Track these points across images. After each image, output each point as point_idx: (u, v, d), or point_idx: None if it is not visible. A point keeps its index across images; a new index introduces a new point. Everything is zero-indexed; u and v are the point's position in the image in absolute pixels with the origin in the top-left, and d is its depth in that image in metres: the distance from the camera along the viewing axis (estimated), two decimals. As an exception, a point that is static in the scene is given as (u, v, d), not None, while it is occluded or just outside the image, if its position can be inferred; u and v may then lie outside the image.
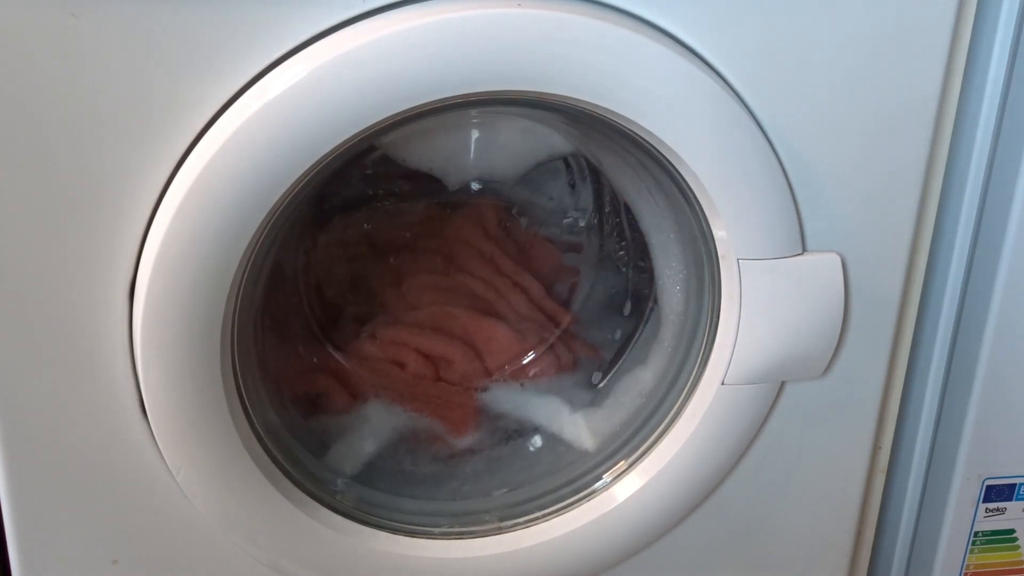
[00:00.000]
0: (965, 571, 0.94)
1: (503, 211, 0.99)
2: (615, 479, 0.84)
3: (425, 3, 0.66)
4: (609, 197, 0.97)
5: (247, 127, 0.65)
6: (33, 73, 0.64)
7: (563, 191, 1.00)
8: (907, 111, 0.76)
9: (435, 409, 0.94)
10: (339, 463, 0.88)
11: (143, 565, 0.79)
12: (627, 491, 0.83)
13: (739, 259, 0.76)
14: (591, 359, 0.97)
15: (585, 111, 0.71)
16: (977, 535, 0.92)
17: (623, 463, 0.85)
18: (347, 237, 0.97)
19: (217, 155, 0.65)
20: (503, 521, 0.85)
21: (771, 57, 0.72)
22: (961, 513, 0.91)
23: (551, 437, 0.93)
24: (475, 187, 0.96)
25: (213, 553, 0.80)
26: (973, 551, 0.93)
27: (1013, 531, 0.92)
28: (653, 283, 0.90)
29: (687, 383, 0.83)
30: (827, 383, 0.84)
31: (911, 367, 0.90)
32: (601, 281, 1.01)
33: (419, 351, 0.95)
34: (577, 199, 1.00)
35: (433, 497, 0.89)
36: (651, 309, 0.92)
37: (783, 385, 0.83)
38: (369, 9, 0.66)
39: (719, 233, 0.76)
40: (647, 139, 0.72)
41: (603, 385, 0.94)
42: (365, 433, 0.91)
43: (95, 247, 0.69)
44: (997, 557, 0.93)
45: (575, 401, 0.94)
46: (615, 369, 0.94)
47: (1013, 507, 0.91)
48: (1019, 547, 0.93)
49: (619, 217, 0.97)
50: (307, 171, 0.67)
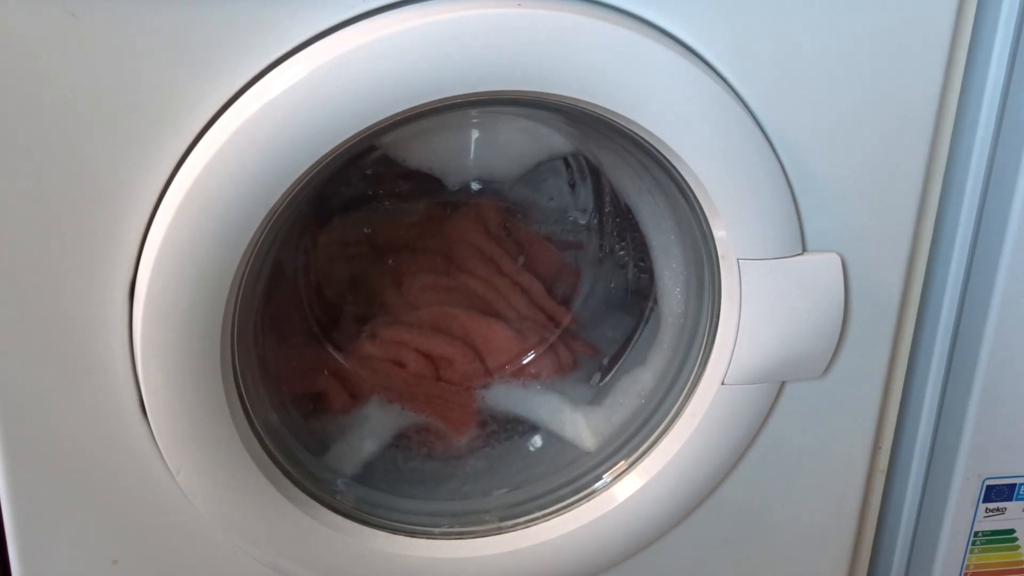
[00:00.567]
0: (965, 571, 0.94)
1: (504, 211, 0.99)
2: (615, 479, 0.84)
3: (425, 3, 0.66)
4: (609, 197, 0.97)
5: (247, 127, 0.65)
6: (33, 73, 0.64)
7: (563, 191, 1.00)
8: (907, 111, 0.76)
9: (435, 409, 0.94)
10: (339, 463, 0.88)
11: (143, 565, 0.79)
12: (627, 491, 0.83)
13: (739, 259, 0.76)
14: (592, 359, 0.97)
15: (585, 111, 0.71)
16: (977, 535, 0.92)
17: (623, 463, 0.85)
18: (347, 237, 0.97)
19: (217, 155, 0.65)
20: (503, 521, 0.85)
21: (771, 57, 0.72)
22: (961, 513, 0.90)
23: (551, 437, 0.93)
24: (475, 187, 0.96)
25: (213, 553, 0.80)
26: (973, 551, 0.93)
27: (1013, 531, 0.92)
28: (653, 283, 0.90)
29: (687, 383, 0.83)
30: (827, 383, 0.84)
31: (911, 367, 0.90)
32: (601, 281, 1.01)
33: (419, 351, 0.95)
34: (577, 199, 1.00)
35: (433, 497, 0.89)
36: (651, 309, 0.92)
37: (783, 385, 0.83)
38: (369, 9, 0.66)
39: (719, 233, 0.76)
40: (647, 139, 0.72)
41: (603, 384, 0.94)
42: (365, 433, 0.91)
43: (95, 247, 0.69)
44: (997, 557, 0.93)
45: (576, 400, 0.94)
46: (615, 369, 0.94)
47: (1013, 507, 0.91)
48: (1019, 547, 0.93)
49: (619, 217, 0.97)
50: (307, 171, 0.67)
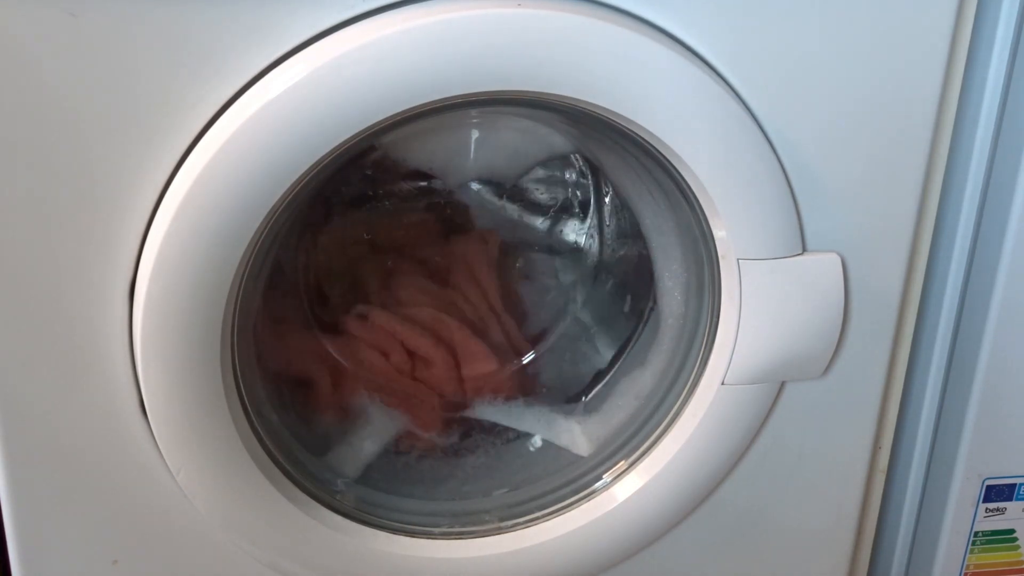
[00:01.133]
0: (965, 571, 0.93)
1: (502, 247, 1.00)
2: (615, 479, 0.84)
3: (425, 3, 0.66)
4: (609, 197, 0.97)
5: (247, 127, 0.65)
6: (32, 73, 0.64)
7: (563, 191, 1.00)
8: (907, 111, 0.76)
9: (407, 405, 0.94)
10: (340, 464, 0.88)
11: (143, 565, 0.79)
12: (627, 491, 0.83)
13: (739, 259, 0.76)
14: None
15: (585, 111, 0.71)
16: (977, 535, 0.92)
17: (623, 463, 0.85)
18: (347, 237, 0.97)
19: (217, 155, 0.65)
20: (503, 521, 0.85)
21: (771, 57, 0.72)
22: (961, 513, 0.90)
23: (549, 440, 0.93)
24: (475, 187, 0.96)
25: (213, 553, 0.80)
26: (973, 551, 0.92)
27: (1013, 531, 0.92)
28: (653, 283, 0.90)
29: (687, 383, 0.83)
30: (827, 383, 0.84)
31: (911, 367, 0.90)
32: (600, 282, 1.01)
33: (405, 345, 0.95)
34: (577, 199, 1.00)
35: (433, 497, 0.89)
36: (650, 309, 0.92)
37: (783, 385, 0.83)
38: (369, 9, 0.66)
39: (719, 233, 0.76)
40: (647, 139, 0.72)
41: (599, 389, 0.94)
42: (365, 435, 0.91)
43: (95, 247, 0.69)
44: (997, 557, 0.93)
45: (568, 411, 0.94)
46: (614, 370, 0.94)
47: (1013, 507, 0.91)
48: (1019, 547, 0.93)
49: (619, 217, 0.97)
50: (307, 171, 0.67)
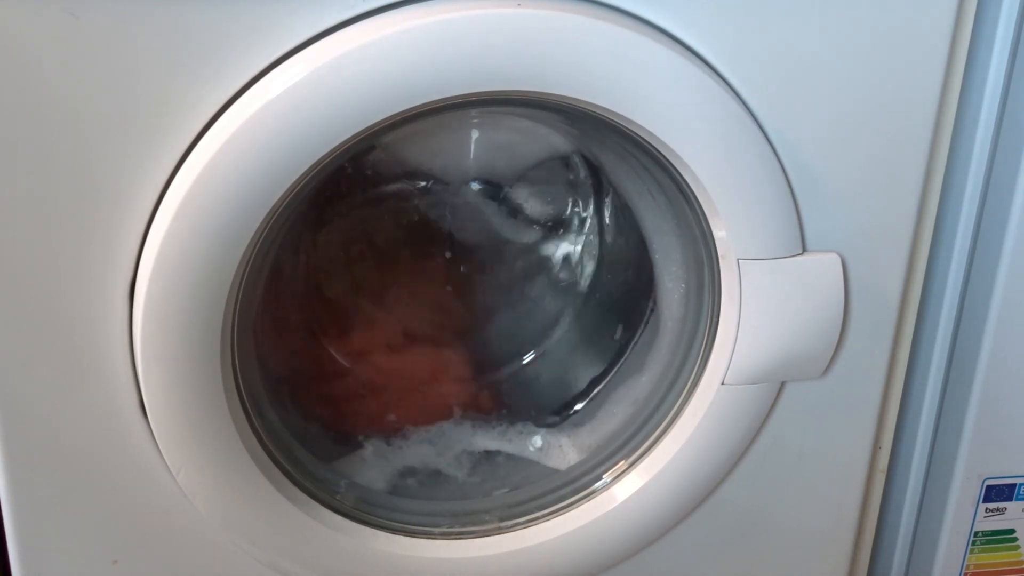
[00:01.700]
0: (965, 571, 0.93)
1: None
2: (615, 479, 0.84)
3: (425, 3, 0.66)
4: (609, 197, 0.97)
5: (247, 127, 0.65)
6: (32, 73, 0.64)
7: (563, 191, 1.00)
8: (907, 112, 0.76)
9: (404, 401, 0.94)
10: (350, 471, 0.88)
11: (143, 565, 0.79)
12: (627, 491, 0.83)
13: (739, 259, 0.76)
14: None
15: (585, 111, 0.71)
16: (977, 535, 0.92)
17: (623, 463, 0.85)
18: (347, 237, 0.97)
19: (217, 155, 0.65)
20: (503, 521, 0.85)
21: (771, 57, 0.72)
22: (961, 513, 0.90)
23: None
24: (475, 187, 0.96)
25: (213, 553, 0.80)
26: (973, 551, 0.92)
27: (1013, 531, 0.92)
28: (653, 283, 0.90)
29: (687, 383, 0.83)
30: (827, 383, 0.84)
31: (911, 367, 0.90)
32: (600, 283, 1.01)
33: (403, 345, 0.96)
34: (577, 199, 1.00)
35: (433, 497, 0.89)
36: (650, 310, 0.92)
37: (783, 385, 0.83)
38: (369, 9, 0.66)
39: (719, 233, 0.76)
40: (647, 139, 0.72)
41: (594, 397, 0.94)
42: (373, 464, 0.91)
43: (95, 247, 0.69)
44: (997, 557, 0.93)
45: (556, 426, 0.94)
46: (609, 377, 0.94)
47: (1013, 507, 0.91)
48: (1019, 547, 0.93)
49: (619, 217, 0.97)
50: (307, 171, 0.67)
